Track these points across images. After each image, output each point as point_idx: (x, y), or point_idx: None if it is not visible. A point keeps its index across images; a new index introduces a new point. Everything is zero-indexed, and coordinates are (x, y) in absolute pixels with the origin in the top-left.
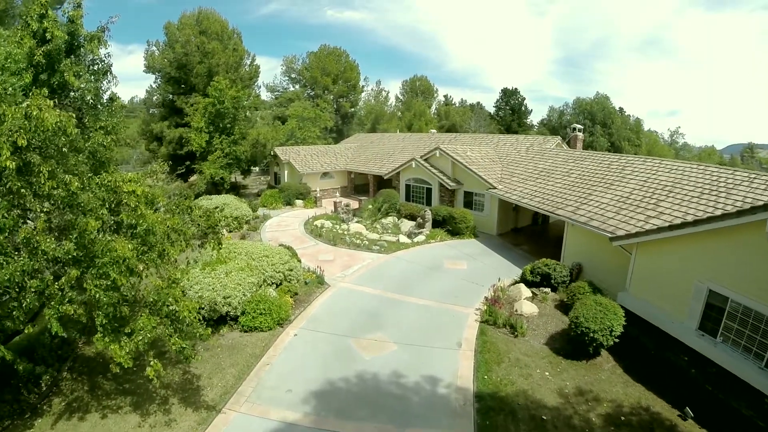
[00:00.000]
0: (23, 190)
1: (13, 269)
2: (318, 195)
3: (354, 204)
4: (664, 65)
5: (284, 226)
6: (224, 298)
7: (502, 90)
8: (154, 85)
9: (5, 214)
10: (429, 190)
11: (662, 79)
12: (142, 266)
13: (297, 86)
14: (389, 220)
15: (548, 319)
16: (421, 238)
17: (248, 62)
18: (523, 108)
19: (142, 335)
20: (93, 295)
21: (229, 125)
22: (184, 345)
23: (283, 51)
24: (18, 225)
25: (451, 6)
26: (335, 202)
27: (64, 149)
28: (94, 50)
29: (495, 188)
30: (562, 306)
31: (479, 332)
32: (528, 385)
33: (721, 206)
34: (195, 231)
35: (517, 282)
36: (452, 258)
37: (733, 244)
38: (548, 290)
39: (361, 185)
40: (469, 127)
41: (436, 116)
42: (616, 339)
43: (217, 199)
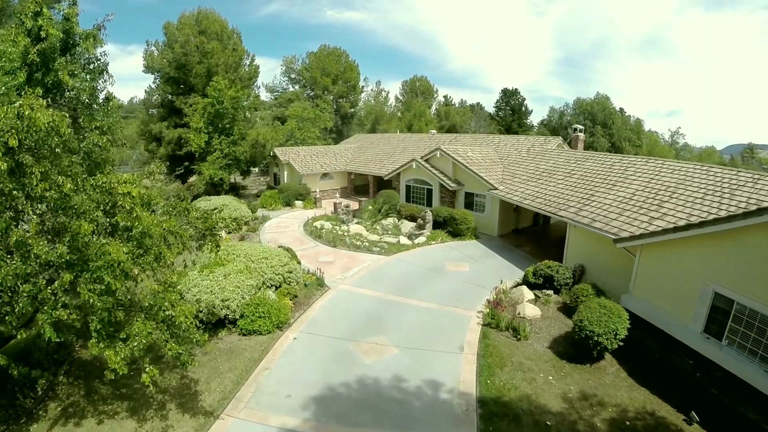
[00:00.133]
0: (15, 192)
1: (5, 273)
2: (318, 196)
3: (354, 205)
4: (664, 65)
5: (284, 227)
6: (222, 301)
7: (502, 90)
8: (153, 86)
9: None
10: (429, 191)
11: (662, 79)
12: (137, 270)
13: (297, 86)
14: (389, 221)
15: (551, 322)
16: (421, 239)
17: (248, 62)
18: (523, 108)
19: (137, 341)
20: (87, 300)
21: (228, 126)
22: (180, 351)
23: (282, 51)
24: (10, 228)
25: (451, 6)
26: (335, 203)
27: (57, 150)
28: (89, 48)
29: (496, 189)
30: (565, 308)
31: (481, 335)
32: (531, 390)
33: (725, 208)
34: (193, 233)
35: (519, 284)
36: (453, 260)
37: (739, 246)
38: (551, 292)
39: (361, 186)
40: (469, 128)
41: (436, 117)
42: (620, 342)
43: (216, 200)
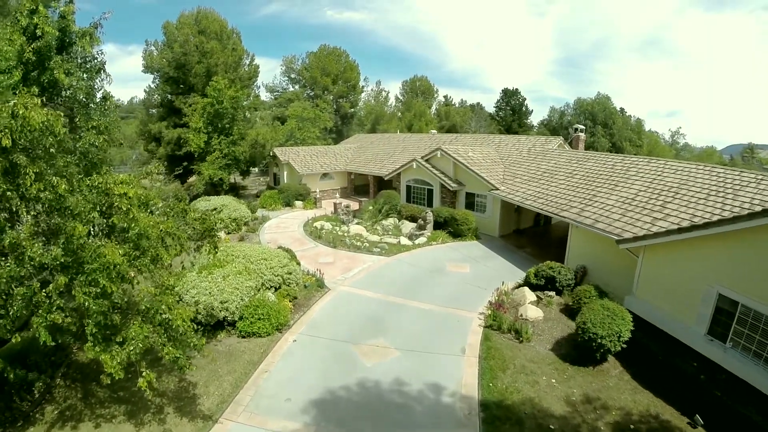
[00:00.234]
0: (9, 192)
1: None
2: (318, 196)
3: (354, 205)
4: (664, 65)
5: (283, 227)
6: (221, 302)
7: (502, 90)
8: (152, 85)
9: None
10: (430, 191)
11: (662, 80)
12: (133, 272)
13: (296, 86)
14: (390, 222)
15: (553, 324)
16: (422, 240)
17: (247, 62)
18: (523, 108)
19: (133, 345)
20: (82, 303)
21: (227, 125)
22: (178, 355)
23: (282, 52)
24: (5, 229)
25: (451, 6)
26: (335, 203)
27: (51, 150)
28: (85, 47)
29: (497, 189)
30: (567, 310)
31: (483, 338)
32: (534, 393)
33: (729, 208)
34: (191, 233)
35: (521, 285)
36: (454, 260)
37: (744, 248)
38: (553, 294)
39: (361, 186)
40: (470, 128)
41: (437, 117)
42: (623, 345)
43: (215, 200)
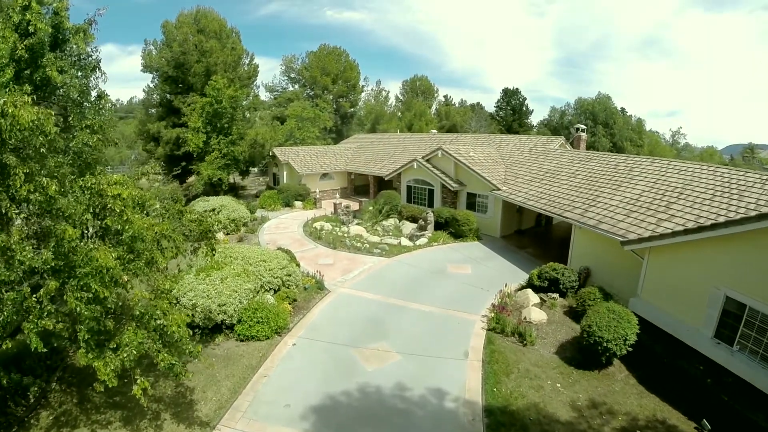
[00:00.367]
0: None
1: None
2: (317, 196)
3: (354, 205)
4: (664, 65)
5: (283, 228)
6: (219, 305)
7: (503, 90)
8: (151, 85)
9: None
10: (431, 192)
11: (662, 80)
12: (126, 277)
13: (296, 86)
14: (390, 222)
15: (557, 327)
16: (423, 240)
17: (246, 61)
18: (524, 108)
19: (127, 351)
20: (74, 309)
21: (226, 125)
22: (173, 361)
23: (282, 52)
24: None
25: (451, 7)
26: (335, 204)
27: (42, 150)
28: (79, 44)
29: (499, 190)
30: (571, 312)
31: (486, 341)
32: (539, 398)
33: (734, 209)
34: (188, 235)
35: (524, 287)
36: (456, 262)
37: (753, 249)
38: (556, 296)
39: (361, 186)
40: (470, 128)
41: (437, 116)
42: (629, 348)
43: (214, 201)
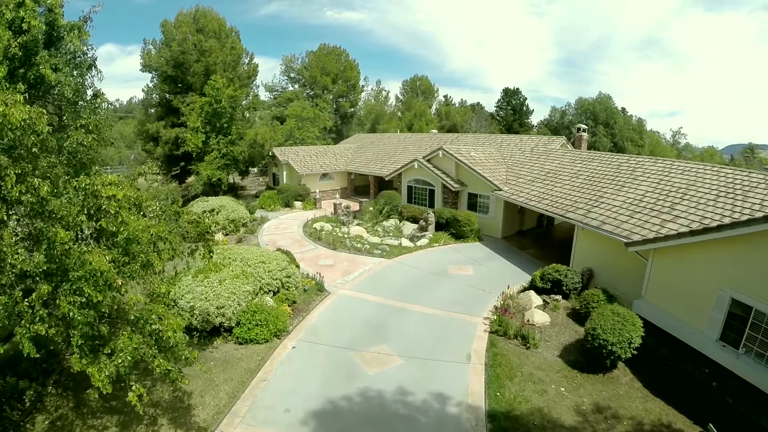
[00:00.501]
0: None
1: None
2: (317, 196)
3: (354, 206)
4: (665, 65)
5: (282, 228)
6: (217, 308)
7: (503, 90)
8: (150, 84)
9: None
10: (432, 192)
11: (662, 80)
12: (121, 280)
13: (296, 86)
14: (391, 223)
15: (561, 329)
16: (424, 241)
17: (246, 60)
18: (524, 108)
19: (122, 357)
20: (67, 313)
21: (226, 125)
22: (169, 367)
23: (281, 52)
24: None
25: (451, 7)
26: (335, 204)
27: (34, 149)
28: (74, 41)
29: (501, 190)
30: (574, 314)
31: (489, 344)
32: (543, 403)
33: (739, 210)
34: (186, 235)
35: (526, 288)
36: (457, 263)
37: (758, 251)
38: (559, 297)
39: (361, 186)
40: (470, 127)
41: (437, 116)
42: (634, 351)
43: (213, 201)
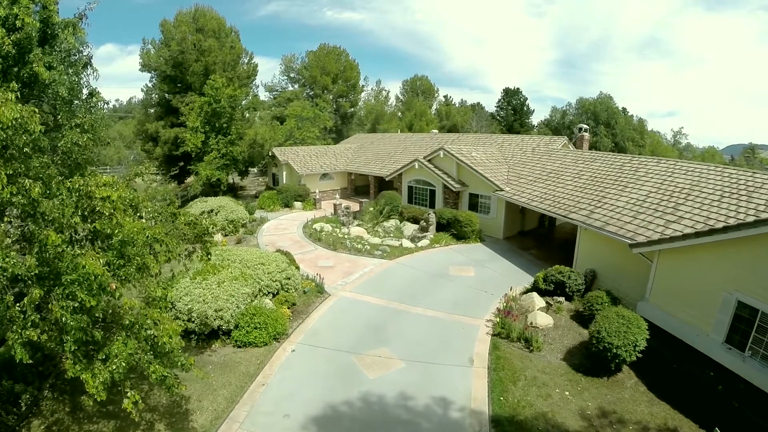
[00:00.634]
0: None
1: None
2: (317, 197)
3: (354, 206)
4: (664, 65)
5: (282, 229)
6: (216, 311)
7: (504, 89)
8: (149, 84)
9: None
10: (432, 192)
11: (662, 80)
12: (115, 285)
13: (296, 86)
14: (391, 223)
15: (564, 332)
16: (425, 242)
17: (246, 60)
18: (525, 108)
19: (117, 363)
20: (59, 318)
21: (225, 125)
22: (165, 373)
23: (282, 52)
24: None
25: (451, 7)
26: (335, 204)
27: (26, 149)
28: (68, 38)
29: (502, 190)
30: (577, 316)
31: (492, 347)
32: (548, 407)
33: (743, 210)
34: (184, 237)
35: (529, 290)
36: (458, 264)
37: (765, 252)
38: (562, 299)
39: (361, 187)
40: (471, 127)
41: (437, 116)
42: (639, 354)
43: (212, 201)
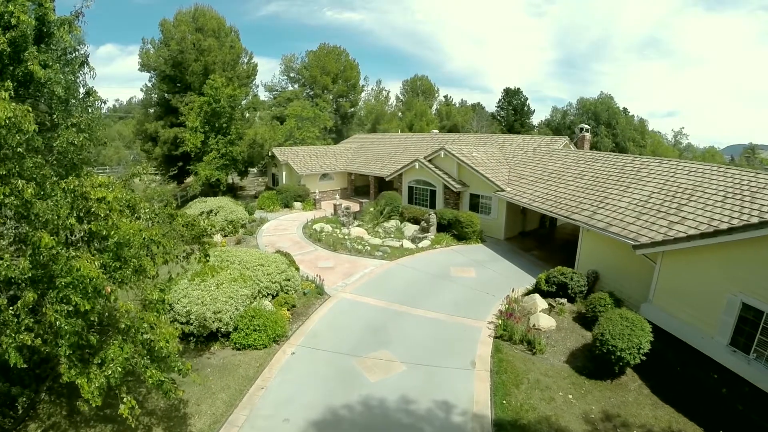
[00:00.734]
0: None
1: None
2: (317, 197)
3: (354, 206)
4: (664, 65)
5: (282, 229)
6: (215, 313)
7: (504, 89)
8: (149, 84)
9: None
10: (433, 193)
11: (662, 80)
12: (110, 288)
13: (296, 86)
14: (391, 224)
15: (567, 334)
16: (425, 243)
17: (245, 60)
18: (525, 108)
19: (112, 367)
20: (53, 322)
21: (225, 125)
22: (162, 378)
23: (281, 52)
24: None
25: (451, 7)
26: (335, 205)
27: (19, 149)
28: (64, 36)
29: (503, 191)
30: (580, 318)
31: (494, 349)
32: (551, 411)
33: (747, 211)
34: (182, 238)
35: (530, 292)
36: (460, 265)
37: None
38: (564, 301)
39: (361, 187)
40: (471, 128)
41: (437, 116)
42: (642, 357)
43: (212, 202)
